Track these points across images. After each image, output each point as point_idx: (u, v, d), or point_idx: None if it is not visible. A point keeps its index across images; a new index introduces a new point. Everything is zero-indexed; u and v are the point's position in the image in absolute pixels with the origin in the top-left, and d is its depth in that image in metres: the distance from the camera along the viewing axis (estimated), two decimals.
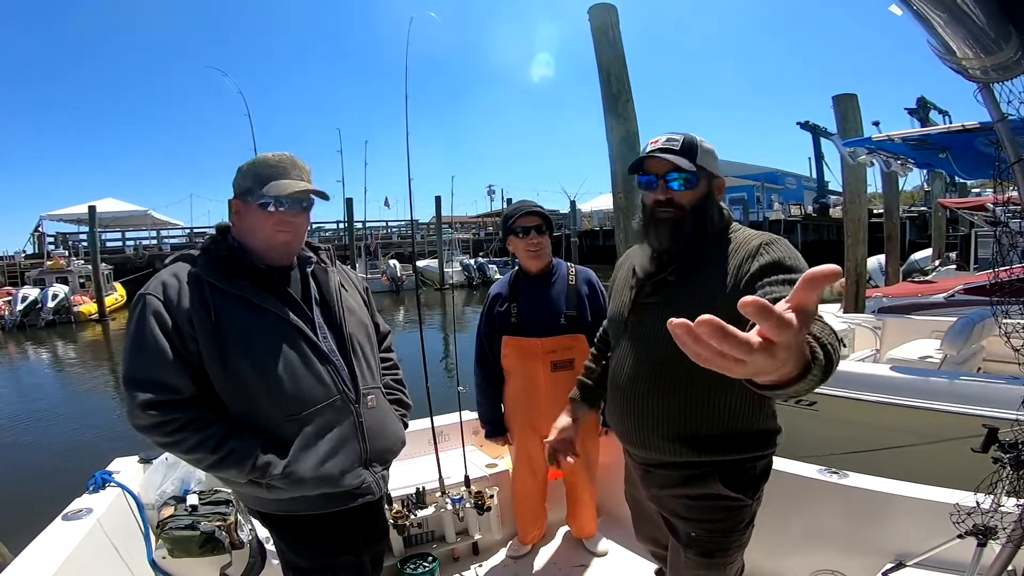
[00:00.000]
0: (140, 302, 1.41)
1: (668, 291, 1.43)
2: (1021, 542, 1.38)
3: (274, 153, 1.54)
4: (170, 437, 1.36)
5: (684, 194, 1.41)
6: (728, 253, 1.37)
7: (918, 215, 23.82)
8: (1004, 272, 1.58)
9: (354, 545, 1.60)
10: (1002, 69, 1.31)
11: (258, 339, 1.43)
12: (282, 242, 1.52)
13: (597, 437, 2.58)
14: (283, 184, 1.49)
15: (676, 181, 1.41)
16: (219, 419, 1.40)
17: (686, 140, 1.42)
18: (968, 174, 5.43)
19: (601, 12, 5.78)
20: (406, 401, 1.85)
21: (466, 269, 26.71)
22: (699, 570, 1.43)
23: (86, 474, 2.19)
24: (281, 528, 1.55)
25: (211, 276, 1.44)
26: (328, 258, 1.69)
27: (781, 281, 1.21)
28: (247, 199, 1.50)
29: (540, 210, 2.39)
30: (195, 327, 1.39)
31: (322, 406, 1.47)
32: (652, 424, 1.44)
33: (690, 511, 1.44)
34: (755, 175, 35.76)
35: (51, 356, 15.38)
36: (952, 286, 6.75)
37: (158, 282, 1.43)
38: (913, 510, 1.88)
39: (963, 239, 10.86)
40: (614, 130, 5.75)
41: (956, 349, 4.22)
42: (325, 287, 1.62)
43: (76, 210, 27.40)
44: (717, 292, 1.33)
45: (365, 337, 1.67)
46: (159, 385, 1.35)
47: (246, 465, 1.38)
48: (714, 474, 1.39)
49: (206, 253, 1.50)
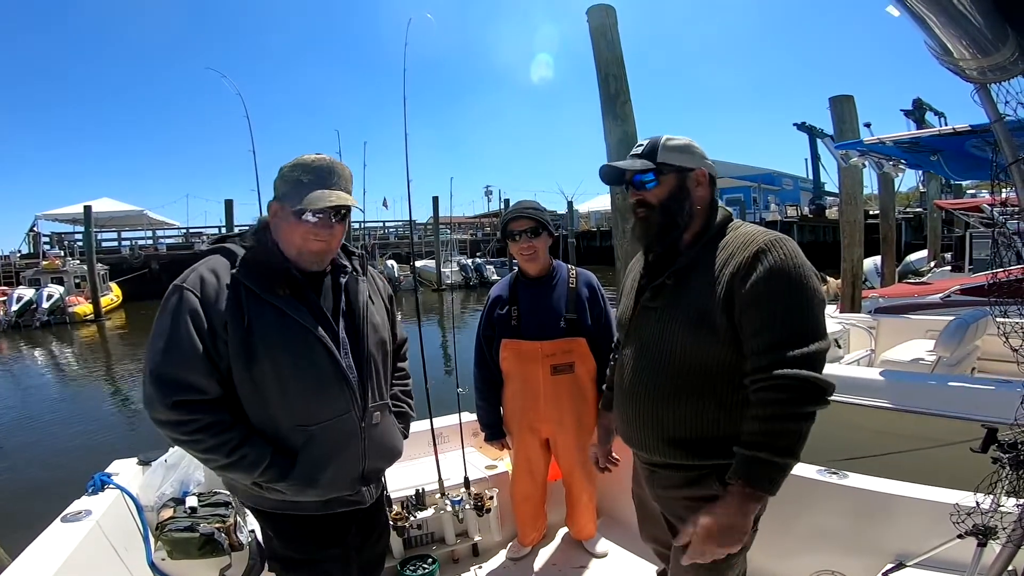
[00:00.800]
0: (177, 295, 1.40)
1: (667, 296, 1.45)
2: (1021, 542, 1.37)
3: (315, 156, 1.52)
4: (189, 436, 1.36)
5: (651, 192, 1.48)
6: (722, 257, 1.38)
7: (914, 216, 23.91)
8: (1002, 272, 1.58)
9: (343, 540, 1.61)
10: (999, 70, 1.31)
11: (283, 350, 1.43)
12: (315, 251, 1.52)
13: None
14: (315, 196, 1.46)
15: (640, 184, 1.50)
16: (236, 423, 1.41)
17: (648, 142, 1.50)
18: (959, 175, 5.46)
19: (599, 13, 5.77)
20: (409, 414, 1.86)
21: (463, 270, 26.69)
22: (701, 572, 1.42)
23: (85, 476, 2.18)
24: (273, 522, 1.57)
25: (249, 280, 1.43)
26: (361, 266, 1.69)
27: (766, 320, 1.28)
28: (284, 204, 1.50)
29: (533, 213, 2.35)
30: (228, 331, 1.39)
31: (332, 421, 1.49)
32: (652, 427, 1.47)
33: (691, 512, 1.43)
34: (752, 176, 35.78)
35: (46, 357, 15.31)
36: (948, 287, 6.77)
37: (196, 277, 1.42)
38: (913, 510, 1.89)
39: (958, 240, 10.89)
40: (612, 131, 5.74)
41: (950, 351, 4.23)
42: (354, 300, 1.62)
43: (72, 210, 27.25)
44: (707, 302, 1.36)
45: (382, 355, 1.67)
46: (187, 385, 1.35)
47: (256, 471, 1.40)
48: (712, 476, 1.41)
49: (247, 252, 1.50)
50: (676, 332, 1.40)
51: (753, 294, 1.29)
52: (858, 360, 5.23)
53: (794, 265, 1.30)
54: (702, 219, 1.49)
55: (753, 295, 1.29)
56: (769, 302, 1.28)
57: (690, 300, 1.39)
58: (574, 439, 2.48)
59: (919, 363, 4.45)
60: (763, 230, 1.41)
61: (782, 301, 1.27)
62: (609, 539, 2.71)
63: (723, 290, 1.33)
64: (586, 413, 2.44)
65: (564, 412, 2.43)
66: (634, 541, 2.62)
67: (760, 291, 1.29)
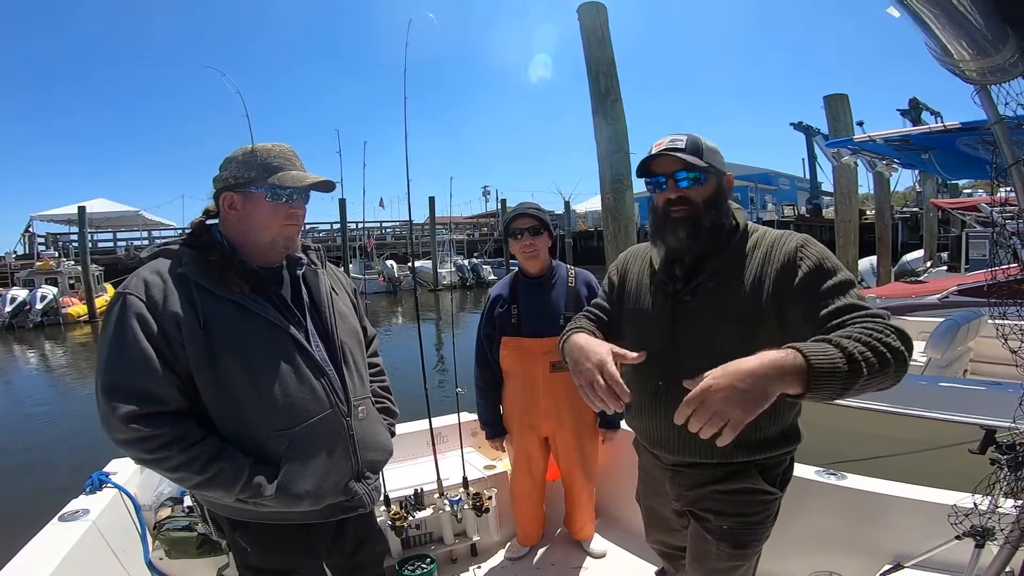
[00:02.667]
0: (119, 302, 1.27)
1: (708, 296, 1.42)
2: (1019, 543, 1.38)
3: (273, 143, 1.43)
4: (154, 454, 1.23)
5: (696, 191, 1.41)
6: (761, 256, 1.38)
7: (911, 216, 24.00)
8: (1001, 272, 1.58)
9: (321, 548, 1.52)
10: (999, 71, 1.32)
11: (250, 348, 1.32)
12: (289, 236, 1.44)
13: (596, 440, 2.59)
14: (297, 175, 1.40)
15: (686, 180, 1.41)
16: (207, 436, 1.28)
17: (690, 140, 1.41)
18: (952, 174, 5.45)
19: (591, 11, 5.76)
20: (393, 409, 1.76)
21: (460, 270, 26.71)
22: (731, 561, 1.47)
23: (83, 475, 2.17)
24: (253, 532, 1.41)
25: (200, 277, 1.31)
26: (318, 259, 1.59)
27: (831, 290, 1.25)
28: (249, 190, 1.38)
29: (535, 212, 2.42)
30: (183, 332, 1.27)
31: (313, 421, 1.38)
32: None
33: (725, 505, 1.46)
34: (749, 176, 35.94)
35: (41, 357, 15.27)
36: (945, 287, 6.79)
37: (139, 280, 1.29)
38: (911, 511, 1.89)
39: (954, 240, 10.91)
40: (602, 129, 5.74)
41: (940, 352, 4.23)
42: (316, 292, 1.52)
43: (66, 210, 27.17)
44: (755, 300, 1.35)
45: (356, 344, 1.59)
46: (143, 395, 1.22)
47: (235, 486, 1.27)
48: (751, 469, 1.43)
49: (193, 250, 1.38)
50: (726, 331, 1.37)
51: (804, 283, 1.30)
52: None
53: (827, 253, 1.33)
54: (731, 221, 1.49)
55: (804, 284, 1.29)
56: (823, 282, 1.28)
57: (735, 299, 1.37)
58: (573, 438, 2.50)
59: (912, 365, 4.45)
60: (787, 231, 1.44)
61: (835, 278, 1.28)
62: (607, 539, 2.71)
63: (771, 286, 1.34)
64: (585, 410, 2.47)
65: (563, 409, 2.46)
66: (632, 541, 2.63)
67: (810, 278, 1.29)
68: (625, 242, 5.47)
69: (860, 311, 1.21)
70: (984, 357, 5.09)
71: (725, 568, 1.49)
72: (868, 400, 3.69)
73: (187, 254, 1.36)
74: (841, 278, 1.28)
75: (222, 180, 1.42)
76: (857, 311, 1.21)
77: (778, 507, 1.50)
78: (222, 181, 1.42)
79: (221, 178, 1.42)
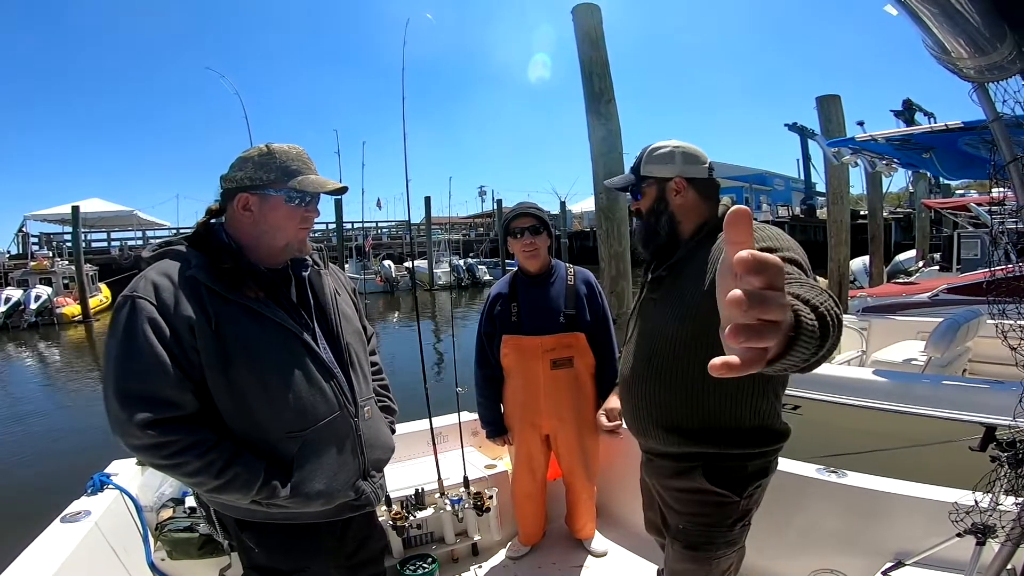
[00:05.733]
0: (128, 306, 1.24)
1: (664, 287, 1.53)
2: (1020, 540, 1.39)
3: (288, 145, 1.43)
4: (171, 460, 1.22)
5: (640, 203, 1.60)
6: (712, 247, 1.42)
7: (903, 216, 24.10)
8: (1000, 271, 1.59)
9: (329, 547, 1.52)
10: (997, 69, 1.33)
11: (262, 352, 1.32)
12: (302, 240, 1.44)
13: (597, 438, 2.60)
14: (316, 180, 1.40)
15: (635, 195, 1.61)
16: (222, 440, 1.28)
17: (639, 155, 1.61)
18: (952, 174, 5.45)
19: (585, 12, 5.75)
20: (393, 407, 1.78)
21: (455, 270, 26.68)
22: (684, 563, 1.48)
23: (84, 476, 2.16)
24: (260, 533, 1.41)
25: (211, 280, 1.30)
26: (321, 259, 1.59)
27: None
28: (267, 192, 1.37)
29: (535, 211, 2.44)
30: (196, 336, 1.25)
31: (324, 423, 1.39)
32: (648, 412, 1.53)
33: (679, 503, 1.52)
34: (743, 176, 36.04)
35: (36, 357, 15.16)
36: (935, 287, 6.81)
37: (147, 283, 1.27)
38: (912, 509, 1.90)
39: (946, 240, 10.96)
40: (596, 130, 5.73)
41: (941, 351, 4.25)
42: (320, 293, 1.52)
43: (60, 210, 26.97)
44: (698, 289, 1.38)
45: (360, 345, 1.60)
46: (159, 401, 1.21)
47: (251, 489, 1.28)
48: (698, 468, 1.44)
49: (200, 251, 1.36)
50: (670, 320, 1.46)
51: None
52: (849, 361, 5.26)
53: (776, 235, 1.31)
54: (694, 219, 1.53)
55: None
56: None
57: (683, 289, 1.45)
58: (574, 436, 2.50)
59: (911, 364, 4.48)
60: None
61: (768, 243, 1.26)
62: (609, 538, 2.71)
63: (710, 275, 1.36)
64: (585, 408, 2.49)
65: (563, 407, 2.46)
66: (634, 540, 2.64)
67: None
68: (618, 242, 5.47)
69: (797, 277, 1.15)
70: (983, 357, 5.12)
71: (681, 570, 1.50)
72: (868, 400, 3.71)
73: (196, 256, 1.34)
74: (777, 249, 1.23)
75: (235, 180, 1.39)
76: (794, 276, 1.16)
77: (741, 512, 1.46)
78: (236, 181, 1.39)
79: (235, 178, 1.39)
